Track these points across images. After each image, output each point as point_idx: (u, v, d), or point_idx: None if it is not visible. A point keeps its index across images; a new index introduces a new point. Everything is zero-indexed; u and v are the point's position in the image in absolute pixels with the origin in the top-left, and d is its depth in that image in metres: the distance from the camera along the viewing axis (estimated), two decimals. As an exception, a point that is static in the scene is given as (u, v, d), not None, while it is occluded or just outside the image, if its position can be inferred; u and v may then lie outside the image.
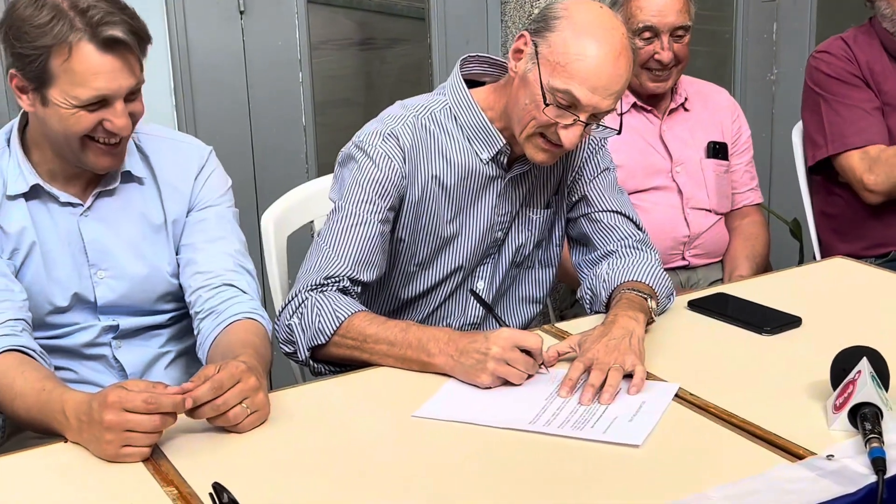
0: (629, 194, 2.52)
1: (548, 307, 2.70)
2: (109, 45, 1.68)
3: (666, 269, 2.49)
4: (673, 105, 2.66)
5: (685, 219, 2.63)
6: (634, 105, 2.63)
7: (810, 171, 2.69)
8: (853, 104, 2.55)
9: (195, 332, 1.88)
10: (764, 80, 3.91)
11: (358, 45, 3.70)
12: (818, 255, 2.76)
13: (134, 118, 1.77)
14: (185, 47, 2.90)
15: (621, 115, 2.51)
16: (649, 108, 2.64)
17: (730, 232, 2.73)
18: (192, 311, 1.88)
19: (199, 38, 2.92)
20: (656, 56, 2.54)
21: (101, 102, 1.71)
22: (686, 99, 2.68)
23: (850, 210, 2.64)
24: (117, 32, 1.68)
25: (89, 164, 1.78)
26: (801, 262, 3.23)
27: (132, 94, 1.75)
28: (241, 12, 2.95)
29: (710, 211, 2.66)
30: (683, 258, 2.66)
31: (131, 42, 1.70)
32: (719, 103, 2.74)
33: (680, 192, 2.63)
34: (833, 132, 2.56)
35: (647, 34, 2.53)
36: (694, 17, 2.59)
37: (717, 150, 2.67)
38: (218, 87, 2.97)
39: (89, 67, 1.68)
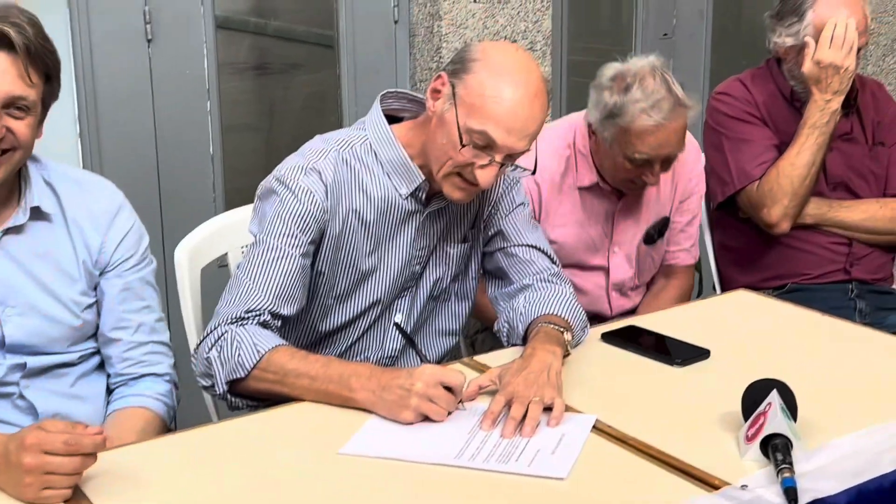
0: (563, 268, 2.51)
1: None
2: None
3: None
4: None
5: (608, 300, 2.59)
6: (598, 186, 2.47)
7: (719, 207, 2.78)
8: (753, 140, 2.66)
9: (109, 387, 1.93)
10: (661, 114, 4.01)
11: (255, 70, 3.69)
12: (718, 287, 2.85)
13: (17, 139, 1.72)
14: (91, 75, 2.85)
15: (580, 188, 2.46)
16: (612, 189, 2.48)
17: (649, 286, 2.67)
18: (108, 370, 1.93)
19: (106, 66, 2.87)
20: (643, 177, 2.37)
21: None
22: None
23: (749, 244, 2.73)
24: (9, 30, 1.66)
25: None
26: (700, 293, 3.33)
27: (17, 109, 1.71)
28: (149, 41, 2.92)
29: (632, 288, 2.62)
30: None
31: (20, 48, 1.67)
32: (685, 162, 2.54)
33: (609, 273, 2.56)
34: (737, 167, 2.66)
35: (640, 161, 2.33)
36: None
37: (654, 237, 2.57)
38: (124, 114, 2.93)
39: None
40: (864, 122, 2.74)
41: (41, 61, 1.73)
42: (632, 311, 2.62)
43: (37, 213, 1.83)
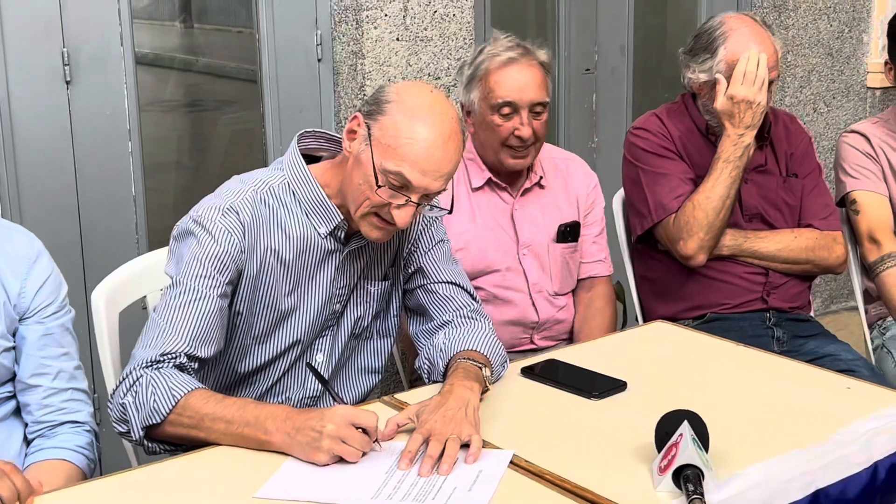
0: (483, 276, 2.56)
1: (400, 373, 2.72)
2: None
3: (514, 352, 2.53)
4: (528, 184, 2.64)
5: (533, 305, 2.63)
6: (490, 181, 2.61)
7: (638, 239, 2.83)
8: (670, 174, 2.71)
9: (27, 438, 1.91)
10: (586, 147, 4.08)
11: (185, 107, 3.67)
12: (640, 318, 2.89)
13: None
14: (9, 118, 2.81)
15: (475, 190, 2.58)
16: (504, 185, 2.62)
17: (576, 304, 2.74)
18: (26, 417, 1.91)
19: (24, 108, 2.84)
20: (516, 132, 2.51)
21: None
22: (542, 176, 2.66)
23: (669, 275, 2.77)
24: None
25: None
26: (624, 323, 3.38)
27: None
28: (68, 82, 2.90)
29: (554, 294, 2.67)
30: (532, 342, 2.66)
31: None
32: (576, 176, 2.74)
33: (526, 276, 2.63)
34: (655, 201, 2.70)
35: (506, 110, 2.51)
36: (550, 94, 2.58)
37: (567, 234, 2.68)
38: (43, 157, 2.89)
39: None
40: (777, 154, 2.81)
41: None
42: (562, 322, 2.69)
43: None
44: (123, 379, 1.83)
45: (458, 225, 2.55)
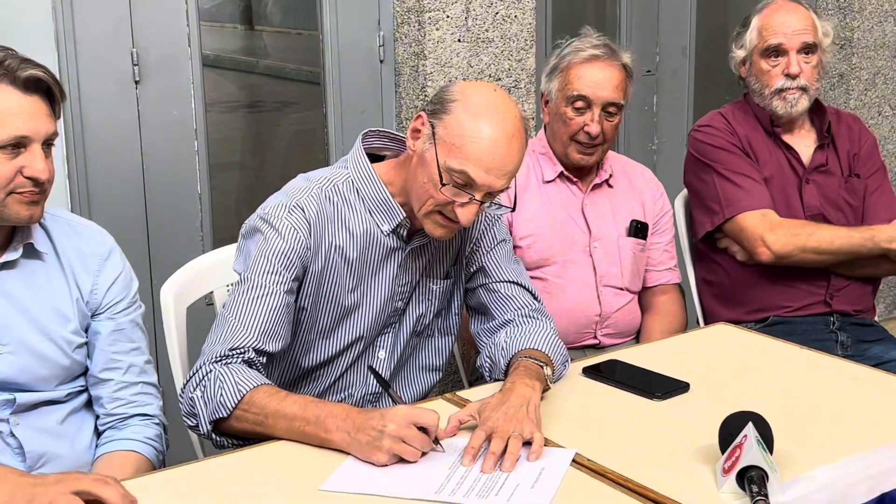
0: (546, 266, 2.58)
1: (460, 372, 2.74)
2: (30, 85, 1.74)
3: (577, 348, 2.53)
4: (597, 180, 2.67)
5: (598, 297, 2.63)
6: (561, 174, 2.65)
7: (700, 240, 2.81)
8: (743, 172, 2.68)
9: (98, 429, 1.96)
10: (646, 149, 4.07)
11: (247, 108, 3.72)
12: (701, 321, 2.87)
13: (51, 175, 1.79)
14: (79, 117, 2.88)
15: (547, 182, 2.63)
16: (575, 179, 2.65)
17: (646, 309, 2.74)
18: (97, 410, 1.95)
19: (94, 107, 2.90)
20: (585, 128, 2.54)
21: (19, 146, 1.73)
22: (611, 175, 2.68)
23: (730, 278, 2.75)
24: (38, 73, 1.74)
25: (12, 216, 1.79)
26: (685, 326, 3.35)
27: (48, 148, 1.78)
28: (136, 82, 2.96)
29: (622, 289, 2.67)
30: (595, 337, 2.65)
31: (52, 85, 1.76)
32: (643, 182, 2.76)
33: (594, 268, 2.64)
34: (727, 198, 2.67)
35: (579, 104, 2.54)
36: (630, 98, 2.60)
37: (639, 230, 2.68)
38: (112, 156, 2.95)
39: (9, 108, 1.72)
40: (839, 153, 2.77)
41: (60, 102, 1.82)
42: (627, 318, 2.68)
43: (30, 251, 1.87)
44: (194, 373, 1.86)
45: (529, 213, 2.58)
